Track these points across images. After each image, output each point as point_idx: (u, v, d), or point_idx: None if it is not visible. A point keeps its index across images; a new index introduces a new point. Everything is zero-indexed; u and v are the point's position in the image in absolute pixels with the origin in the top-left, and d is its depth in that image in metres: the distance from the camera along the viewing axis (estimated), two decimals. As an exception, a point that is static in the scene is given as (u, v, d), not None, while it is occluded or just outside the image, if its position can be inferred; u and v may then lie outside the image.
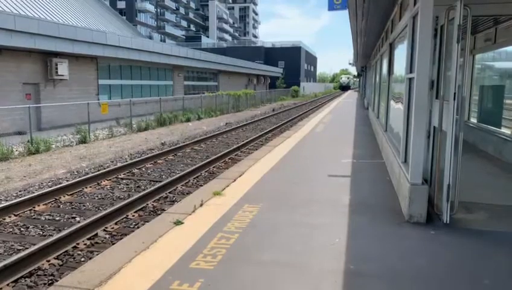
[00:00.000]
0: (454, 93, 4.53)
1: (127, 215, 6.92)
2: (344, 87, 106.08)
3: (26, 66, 18.25)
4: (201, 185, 8.66)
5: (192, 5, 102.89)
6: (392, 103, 8.97)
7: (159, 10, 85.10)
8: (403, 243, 4.35)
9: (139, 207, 7.33)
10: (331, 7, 18.07)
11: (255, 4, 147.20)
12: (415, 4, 5.33)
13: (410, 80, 5.59)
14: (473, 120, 10.67)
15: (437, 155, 5.06)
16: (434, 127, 5.38)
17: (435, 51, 5.32)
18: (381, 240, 4.39)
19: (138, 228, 6.08)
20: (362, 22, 10.39)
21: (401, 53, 7.29)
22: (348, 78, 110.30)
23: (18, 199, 7.51)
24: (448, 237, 4.45)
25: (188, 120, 24.07)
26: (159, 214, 6.25)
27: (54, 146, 14.24)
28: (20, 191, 8.67)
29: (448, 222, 4.73)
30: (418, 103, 4.95)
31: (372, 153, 9.90)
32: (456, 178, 4.73)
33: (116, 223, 6.57)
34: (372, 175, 7.59)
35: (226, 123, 23.19)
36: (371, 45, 16.71)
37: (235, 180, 7.06)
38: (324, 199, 5.91)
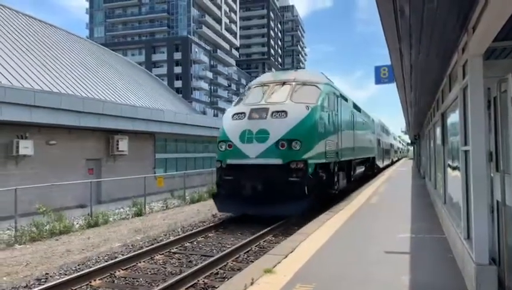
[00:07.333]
0: (516, 166, 4.30)
1: (178, 293, 6.87)
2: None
3: (90, 143, 19.75)
4: (251, 261, 8.50)
5: (243, 81, 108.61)
6: (449, 173, 8.59)
7: (212, 88, 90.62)
8: (473, 332, 3.93)
9: (190, 284, 7.26)
10: (378, 81, 18.23)
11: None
12: (463, 77, 5.30)
13: (466, 152, 5.39)
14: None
15: (503, 231, 4.69)
16: (497, 201, 5.05)
17: (491, 121, 5.16)
18: (447, 329, 4.00)
19: (189, 306, 6.01)
20: (411, 93, 10.40)
21: (454, 122, 7.12)
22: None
23: (76, 274, 7.75)
24: (526, 327, 3.97)
25: (239, 191, 24.25)
26: (210, 292, 6.16)
27: (111, 219, 14.82)
28: (78, 265, 8.96)
29: (524, 308, 4.25)
30: (476, 176, 4.72)
31: (431, 226, 9.34)
32: (529, 258, 4.33)
33: (167, 301, 6.53)
34: (432, 252, 7.10)
35: (277, 194, 23.04)
36: (422, 114, 16.49)
37: (286, 256, 6.89)
38: (382, 280, 5.57)
